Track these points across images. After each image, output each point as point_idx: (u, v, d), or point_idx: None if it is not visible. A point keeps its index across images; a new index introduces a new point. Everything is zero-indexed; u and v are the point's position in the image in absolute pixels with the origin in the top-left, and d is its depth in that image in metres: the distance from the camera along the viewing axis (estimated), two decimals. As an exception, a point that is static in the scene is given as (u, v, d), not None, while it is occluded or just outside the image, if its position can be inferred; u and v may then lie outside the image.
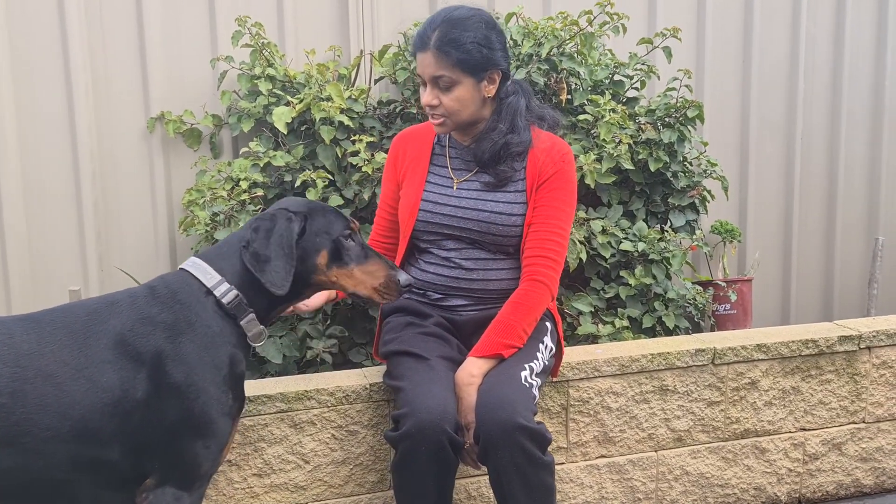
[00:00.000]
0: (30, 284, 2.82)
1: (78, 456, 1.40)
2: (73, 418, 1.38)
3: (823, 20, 3.68)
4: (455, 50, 1.85)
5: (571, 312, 2.65)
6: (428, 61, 1.87)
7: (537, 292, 1.87)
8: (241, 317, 1.57)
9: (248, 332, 1.59)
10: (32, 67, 2.77)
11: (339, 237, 1.67)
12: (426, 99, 1.91)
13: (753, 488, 2.40)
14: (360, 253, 1.70)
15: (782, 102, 3.65)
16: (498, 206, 1.95)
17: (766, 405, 2.37)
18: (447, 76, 1.87)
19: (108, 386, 1.40)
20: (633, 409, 2.24)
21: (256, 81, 2.81)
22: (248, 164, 2.70)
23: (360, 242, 1.72)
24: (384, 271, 1.70)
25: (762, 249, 3.66)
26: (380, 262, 1.72)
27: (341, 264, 1.67)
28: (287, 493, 2.01)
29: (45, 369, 1.38)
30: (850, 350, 2.41)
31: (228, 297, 1.56)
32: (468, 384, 1.76)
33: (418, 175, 2.02)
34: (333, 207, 1.79)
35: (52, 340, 1.42)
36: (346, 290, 1.70)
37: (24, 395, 1.36)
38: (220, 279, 1.57)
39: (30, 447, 1.37)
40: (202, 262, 1.60)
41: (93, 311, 1.48)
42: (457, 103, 1.89)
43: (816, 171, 3.76)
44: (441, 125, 1.93)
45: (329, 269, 1.66)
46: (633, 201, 2.90)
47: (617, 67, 2.94)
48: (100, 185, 2.87)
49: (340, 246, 1.67)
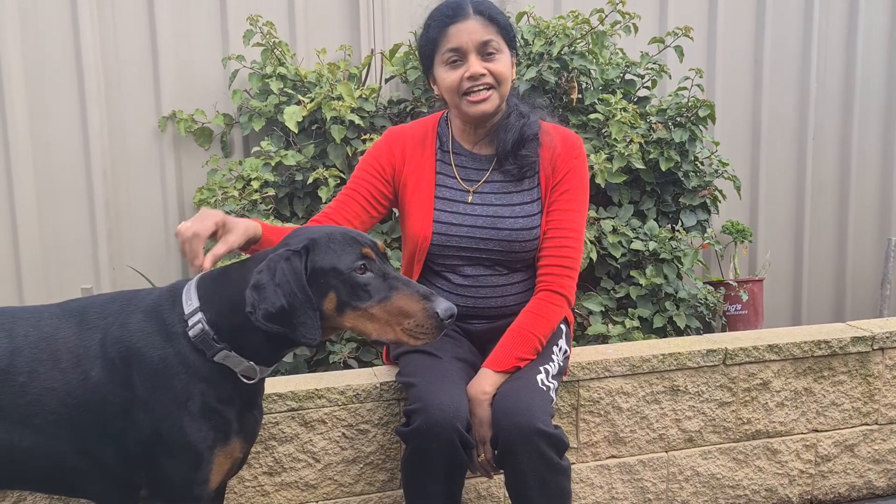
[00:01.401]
0: (42, 282, 2.84)
1: (80, 446, 1.42)
2: (69, 406, 1.40)
3: (836, 19, 3.65)
4: (498, 15, 1.80)
5: (582, 312, 2.65)
6: (472, 27, 1.77)
7: (556, 304, 1.84)
8: (210, 353, 1.39)
9: (235, 368, 1.41)
10: (45, 67, 2.79)
11: (351, 273, 1.36)
12: (475, 68, 1.77)
13: (765, 490, 2.39)
14: (380, 286, 1.38)
15: (794, 102, 3.64)
16: (518, 223, 1.86)
17: (778, 406, 2.36)
18: (495, 41, 1.78)
19: (96, 381, 1.41)
20: (643, 409, 2.23)
21: (267, 80, 2.82)
22: (260, 163, 2.71)
23: (380, 272, 1.39)
24: (416, 304, 1.37)
25: (773, 250, 3.65)
26: (408, 293, 1.38)
27: (356, 307, 1.36)
28: (297, 491, 2.02)
29: (55, 354, 1.41)
30: (863, 351, 2.40)
31: (193, 332, 1.38)
32: (481, 401, 1.73)
33: (425, 189, 1.90)
34: (343, 231, 1.44)
35: (66, 326, 1.44)
36: (366, 336, 1.40)
37: (37, 377, 1.40)
38: (195, 308, 1.40)
39: (41, 429, 1.39)
40: (194, 284, 1.45)
41: (104, 304, 1.48)
42: (506, 69, 1.81)
43: (828, 171, 3.74)
44: (487, 100, 1.80)
45: (341, 313, 1.37)
46: (644, 201, 2.90)
47: (628, 67, 2.93)
48: (111, 184, 2.88)
49: (352, 284, 1.36)
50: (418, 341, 1.38)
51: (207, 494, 1.47)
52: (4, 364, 1.40)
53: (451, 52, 1.79)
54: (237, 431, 1.47)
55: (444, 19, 1.80)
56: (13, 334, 1.43)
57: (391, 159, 1.92)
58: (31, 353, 1.41)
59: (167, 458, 1.41)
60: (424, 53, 1.87)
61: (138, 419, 1.40)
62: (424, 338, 1.37)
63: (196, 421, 1.40)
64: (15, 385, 1.39)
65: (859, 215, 3.78)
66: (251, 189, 2.64)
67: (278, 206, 2.73)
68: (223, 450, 1.45)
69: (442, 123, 1.97)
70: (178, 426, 1.39)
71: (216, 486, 1.48)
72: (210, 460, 1.42)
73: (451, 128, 1.96)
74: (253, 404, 1.53)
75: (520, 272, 1.92)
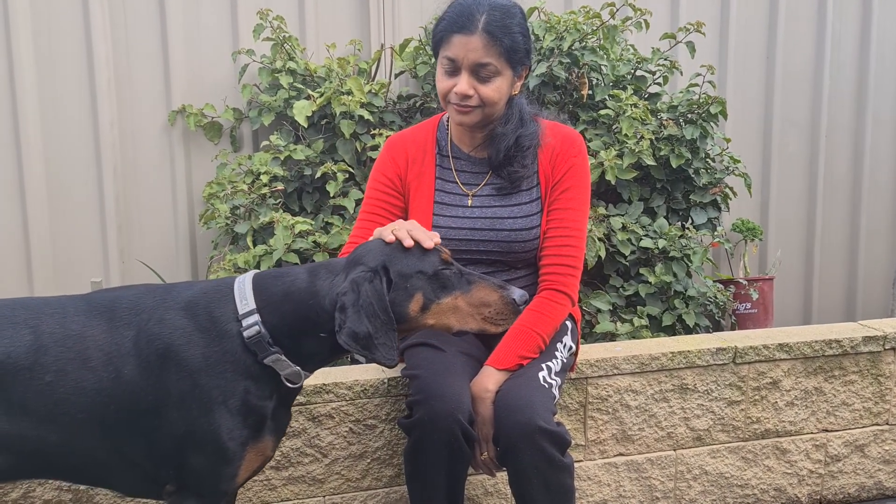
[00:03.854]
0: (52, 276, 2.85)
1: (109, 443, 1.41)
2: (100, 404, 1.39)
3: (849, 17, 3.62)
4: (506, 37, 1.72)
5: (590, 310, 2.64)
6: (474, 45, 1.72)
7: (559, 303, 1.83)
8: (263, 355, 1.41)
9: (281, 372, 1.44)
10: (55, 61, 2.80)
11: (436, 272, 1.45)
12: (462, 87, 1.74)
13: (773, 489, 2.38)
14: (460, 281, 1.47)
15: (807, 99, 3.61)
16: (517, 223, 1.86)
17: (788, 405, 2.34)
18: (493, 65, 1.73)
19: (129, 379, 1.40)
20: (652, 407, 2.22)
21: (277, 75, 2.82)
22: (269, 157, 2.71)
23: (456, 269, 1.49)
24: (495, 294, 1.47)
25: (784, 248, 3.62)
26: (485, 284, 1.48)
27: (441, 303, 1.45)
28: (305, 485, 2.02)
29: (84, 352, 1.39)
30: (875, 351, 2.38)
31: (249, 333, 1.40)
32: (483, 398, 1.73)
33: (425, 193, 1.89)
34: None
35: (95, 323, 1.42)
36: (448, 329, 1.48)
37: (65, 375, 1.38)
38: (252, 309, 1.41)
39: (69, 426, 1.38)
40: (249, 283, 1.45)
41: (135, 299, 1.46)
42: (496, 94, 1.77)
43: (840, 170, 3.71)
44: (467, 115, 1.79)
45: (424, 313, 1.45)
46: (654, 198, 2.88)
47: (639, 63, 2.91)
48: (121, 178, 2.89)
49: (437, 282, 1.45)
50: (499, 327, 1.49)
51: (233, 490, 1.48)
52: (29, 362, 1.37)
53: (448, 61, 1.77)
54: (270, 429, 1.48)
55: (453, 23, 1.75)
56: (38, 331, 1.40)
57: (396, 170, 1.92)
58: (58, 351, 1.38)
59: (198, 454, 1.40)
60: (433, 41, 1.85)
61: (172, 416, 1.39)
62: (504, 323, 1.49)
63: (234, 418, 1.40)
64: (41, 384, 1.37)
65: (871, 214, 3.75)
66: (260, 183, 2.64)
67: (287, 201, 2.74)
68: (255, 447, 1.45)
69: (441, 127, 1.97)
70: (214, 424, 1.39)
71: (242, 481, 1.49)
72: (241, 457, 1.44)
73: (449, 131, 1.95)
74: (287, 403, 1.53)
75: (521, 270, 1.92)
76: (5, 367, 1.37)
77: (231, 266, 2.50)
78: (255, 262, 2.47)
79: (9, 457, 1.39)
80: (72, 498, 1.87)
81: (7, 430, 1.37)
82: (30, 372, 1.37)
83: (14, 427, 1.37)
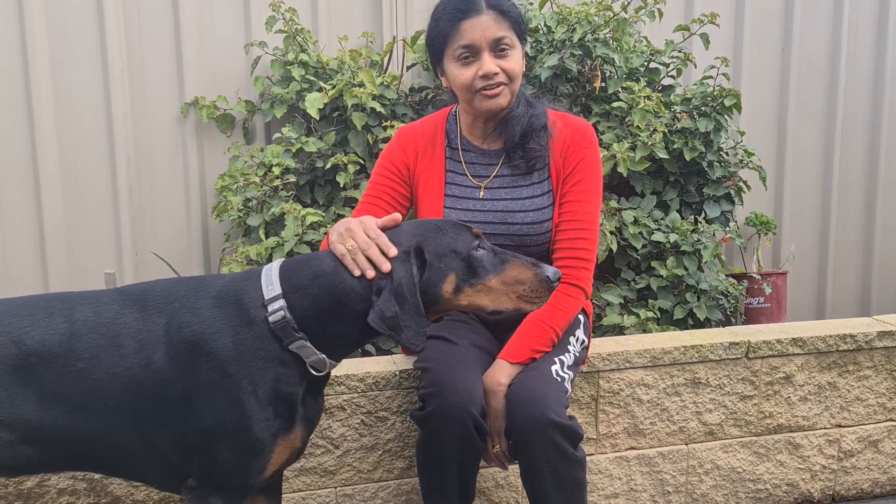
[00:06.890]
0: (66, 268, 2.87)
1: (138, 433, 1.41)
2: (131, 392, 1.39)
3: (866, 7, 3.58)
4: (511, 9, 1.75)
5: (600, 304, 2.63)
6: (486, 23, 1.73)
7: (572, 296, 1.82)
8: (288, 341, 1.41)
9: (306, 359, 1.43)
10: (69, 53, 2.81)
11: (469, 252, 1.44)
12: (489, 66, 1.73)
13: (786, 484, 2.37)
14: (494, 261, 1.46)
15: (822, 92, 3.57)
16: (528, 216, 1.86)
17: (801, 400, 2.33)
18: (508, 37, 1.74)
19: (158, 367, 1.39)
20: (664, 401, 2.21)
21: (289, 67, 2.81)
22: (281, 149, 2.72)
23: (490, 248, 1.48)
24: (528, 272, 1.47)
25: (798, 242, 3.59)
26: (519, 263, 1.48)
27: (474, 283, 1.44)
28: (316, 477, 2.03)
29: (116, 339, 1.40)
30: (890, 346, 2.36)
31: (274, 318, 1.39)
32: (496, 392, 1.72)
33: (435, 186, 1.89)
34: (447, 219, 1.56)
35: (127, 311, 1.42)
36: (483, 309, 1.47)
37: (98, 362, 1.38)
38: (278, 294, 1.41)
39: (100, 414, 1.38)
40: (276, 270, 1.45)
41: (167, 288, 1.46)
42: (518, 66, 1.77)
43: (856, 163, 3.67)
44: (497, 96, 1.77)
45: (458, 293, 1.44)
46: (667, 191, 2.86)
47: (652, 55, 2.89)
48: (134, 170, 2.90)
49: (471, 262, 1.44)
50: (534, 305, 1.48)
51: (261, 483, 1.47)
52: (63, 349, 1.38)
53: (464, 49, 1.76)
54: (301, 419, 1.47)
55: (455, 13, 1.75)
56: (72, 319, 1.40)
57: (405, 159, 1.92)
58: (91, 338, 1.39)
59: (227, 445, 1.40)
60: (434, 47, 1.84)
61: (201, 407, 1.38)
62: (539, 301, 1.48)
63: (264, 409, 1.40)
64: (74, 370, 1.37)
65: (887, 207, 3.71)
66: (272, 176, 2.64)
67: (299, 193, 2.74)
68: (285, 438, 1.45)
69: (450, 120, 1.96)
70: (244, 414, 1.38)
71: (271, 474, 1.48)
72: (272, 449, 1.43)
73: (459, 124, 1.95)
74: (317, 392, 1.53)
75: None
76: (39, 354, 1.37)
77: (243, 258, 2.51)
78: (266, 255, 2.48)
79: (37, 447, 1.40)
80: (86, 487, 1.89)
81: (39, 418, 1.37)
82: (63, 359, 1.38)
83: (46, 415, 1.38)
